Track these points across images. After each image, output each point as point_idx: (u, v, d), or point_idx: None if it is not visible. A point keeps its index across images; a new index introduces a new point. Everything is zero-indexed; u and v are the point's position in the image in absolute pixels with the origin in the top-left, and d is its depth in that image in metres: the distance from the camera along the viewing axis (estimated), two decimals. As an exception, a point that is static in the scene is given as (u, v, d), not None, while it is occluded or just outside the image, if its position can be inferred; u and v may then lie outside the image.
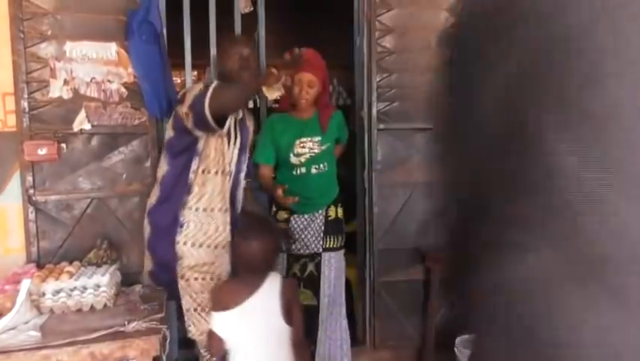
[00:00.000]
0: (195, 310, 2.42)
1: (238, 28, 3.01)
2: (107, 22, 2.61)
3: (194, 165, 2.37)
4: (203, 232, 2.39)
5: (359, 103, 3.25)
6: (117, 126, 2.66)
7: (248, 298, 1.92)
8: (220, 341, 1.91)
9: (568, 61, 0.58)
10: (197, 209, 2.38)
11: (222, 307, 1.93)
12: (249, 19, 3.07)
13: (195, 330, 2.44)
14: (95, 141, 2.64)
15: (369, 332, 3.22)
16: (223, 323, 1.92)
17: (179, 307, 2.63)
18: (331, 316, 2.81)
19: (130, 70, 2.64)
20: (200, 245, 2.40)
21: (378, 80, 3.13)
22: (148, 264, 2.50)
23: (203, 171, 2.38)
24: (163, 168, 2.44)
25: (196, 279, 2.40)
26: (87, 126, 2.59)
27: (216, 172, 2.40)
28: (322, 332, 2.79)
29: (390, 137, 3.16)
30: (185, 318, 2.44)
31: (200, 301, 2.42)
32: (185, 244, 2.39)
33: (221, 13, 2.94)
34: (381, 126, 3.14)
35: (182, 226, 2.39)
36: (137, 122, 2.69)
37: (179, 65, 2.94)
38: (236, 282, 1.98)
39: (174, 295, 2.44)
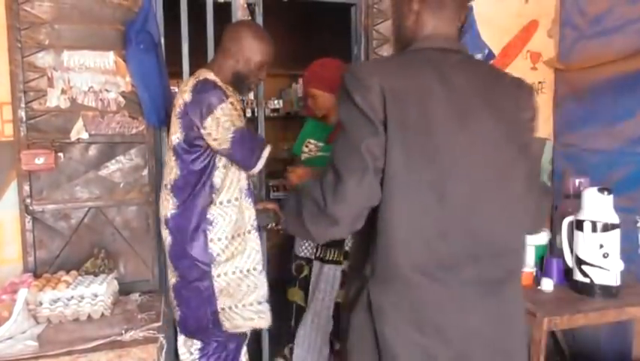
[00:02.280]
0: (230, 308, 2.33)
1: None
2: (104, 32, 2.61)
3: (217, 162, 2.26)
4: (232, 223, 2.29)
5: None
6: (115, 135, 2.65)
7: None
8: None
9: None
10: (221, 203, 2.26)
11: None
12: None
13: (229, 325, 2.35)
14: (92, 150, 2.64)
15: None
16: None
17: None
18: (313, 324, 2.80)
19: (128, 79, 2.64)
20: (233, 237, 2.30)
21: (375, 88, 3.13)
22: (171, 277, 2.38)
23: (224, 166, 2.28)
24: (173, 173, 2.29)
25: (234, 273, 2.31)
26: (84, 135, 2.59)
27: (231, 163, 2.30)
28: (303, 335, 2.80)
29: (388, 145, 3.15)
30: (220, 316, 2.33)
31: (237, 296, 2.33)
32: (219, 240, 2.28)
33: (219, 22, 2.87)
34: (379, 134, 3.14)
35: (211, 224, 2.26)
36: (134, 131, 2.69)
37: (177, 74, 2.94)
38: None
39: (197, 305, 2.33)
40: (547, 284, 2.44)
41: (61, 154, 2.56)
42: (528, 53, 3.46)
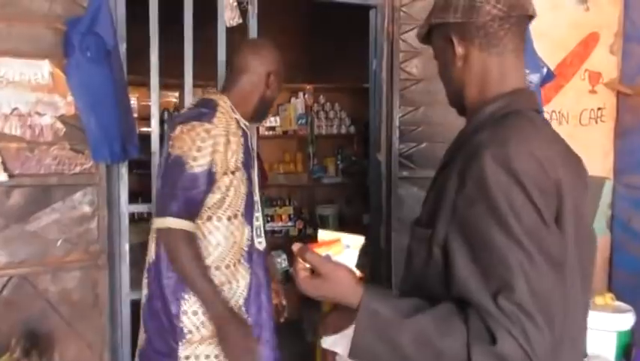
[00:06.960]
0: None
1: (222, 43, 2.50)
2: (36, 33, 2.07)
3: None
4: None
5: (375, 143, 2.84)
6: (50, 175, 2.11)
7: None
8: None
9: None
10: None
11: None
12: (237, 31, 2.61)
13: None
14: (16, 197, 2.06)
15: None
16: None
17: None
18: None
19: (69, 98, 2.11)
20: None
21: (400, 114, 2.76)
22: None
23: None
24: None
25: None
26: (3, 178, 2.00)
27: None
28: None
29: (415, 187, 2.71)
30: None
31: None
32: None
33: (201, 23, 2.49)
34: (404, 174, 2.74)
35: None
36: (78, 169, 2.16)
37: (144, 85, 2.59)
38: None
39: None
40: (643, 393, 1.85)
41: (-32, 204, 1.99)
42: (586, 72, 3.01)
